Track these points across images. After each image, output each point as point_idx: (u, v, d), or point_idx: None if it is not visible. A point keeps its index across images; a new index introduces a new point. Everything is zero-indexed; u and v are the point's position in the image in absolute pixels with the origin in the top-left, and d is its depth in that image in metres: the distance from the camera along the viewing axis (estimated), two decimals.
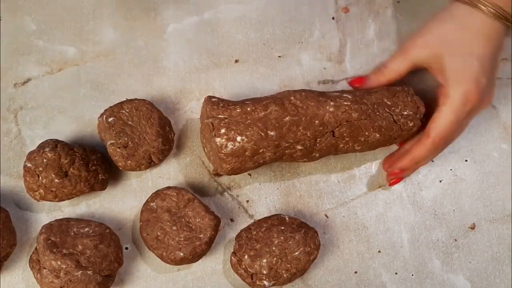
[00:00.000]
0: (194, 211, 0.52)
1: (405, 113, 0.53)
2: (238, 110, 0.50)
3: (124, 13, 0.61)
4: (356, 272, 0.55)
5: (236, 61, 0.60)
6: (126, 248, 0.55)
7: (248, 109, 0.50)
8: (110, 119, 0.53)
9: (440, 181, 0.58)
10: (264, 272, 0.51)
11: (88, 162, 0.53)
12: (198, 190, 0.57)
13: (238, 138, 0.49)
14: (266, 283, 0.51)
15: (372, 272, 0.55)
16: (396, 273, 0.55)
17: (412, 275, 0.55)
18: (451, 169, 0.59)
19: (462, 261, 0.56)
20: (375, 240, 0.56)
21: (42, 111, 0.58)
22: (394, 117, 0.53)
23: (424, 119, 0.54)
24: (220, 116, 0.50)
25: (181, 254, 0.51)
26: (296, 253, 0.51)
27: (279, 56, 0.60)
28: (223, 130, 0.49)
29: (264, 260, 0.51)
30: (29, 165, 0.52)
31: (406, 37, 0.60)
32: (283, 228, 0.52)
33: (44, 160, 0.51)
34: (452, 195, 0.58)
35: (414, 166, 0.55)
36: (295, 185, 0.57)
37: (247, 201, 0.57)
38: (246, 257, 0.51)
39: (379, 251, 0.56)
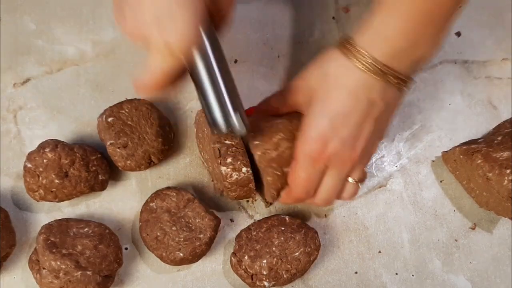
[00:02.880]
0: (194, 211, 0.52)
1: None
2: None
3: None
4: (356, 273, 0.55)
5: (236, 61, 0.60)
6: (126, 249, 0.55)
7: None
8: (109, 119, 0.53)
9: (441, 181, 0.58)
10: (264, 272, 0.50)
11: (88, 163, 0.53)
12: (198, 190, 0.57)
13: (244, 169, 0.48)
14: (266, 283, 0.51)
15: (373, 272, 0.55)
16: (396, 274, 0.55)
17: (413, 275, 0.55)
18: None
19: (462, 261, 0.56)
20: (376, 240, 0.56)
21: (41, 111, 0.58)
22: None
23: None
24: (227, 142, 0.48)
25: (181, 254, 0.50)
26: (296, 253, 0.51)
27: (279, 56, 0.60)
28: (229, 160, 0.48)
29: (264, 261, 0.50)
30: (29, 165, 0.52)
31: None
32: (283, 228, 0.52)
33: (44, 161, 0.51)
34: (452, 195, 0.58)
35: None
36: None
37: (247, 201, 0.57)
38: (246, 257, 0.51)
39: (380, 252, 0.56)
